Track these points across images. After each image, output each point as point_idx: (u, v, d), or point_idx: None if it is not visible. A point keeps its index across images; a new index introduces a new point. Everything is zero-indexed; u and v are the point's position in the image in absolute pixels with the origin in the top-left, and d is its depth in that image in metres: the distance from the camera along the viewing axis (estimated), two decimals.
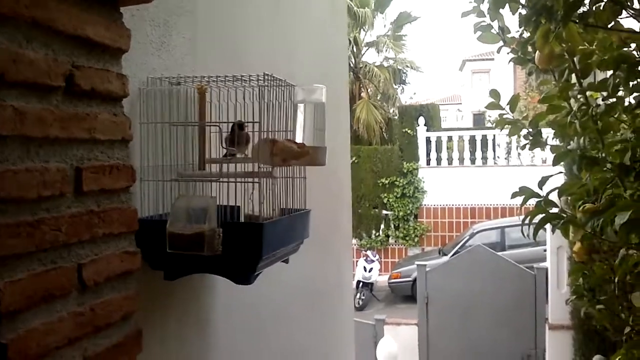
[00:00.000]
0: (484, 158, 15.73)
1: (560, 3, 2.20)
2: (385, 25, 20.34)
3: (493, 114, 20.02)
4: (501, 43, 2.46)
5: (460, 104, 34.51)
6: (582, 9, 2.09)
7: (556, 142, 2.45)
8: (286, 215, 1.51)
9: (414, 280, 13.35)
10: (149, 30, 1.45)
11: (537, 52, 2.32)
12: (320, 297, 2.93)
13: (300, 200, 1.66)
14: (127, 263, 1.22)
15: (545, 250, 12.60)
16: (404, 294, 13.92)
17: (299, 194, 1.66)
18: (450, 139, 16.13)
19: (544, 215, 2.30)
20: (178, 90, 1.52)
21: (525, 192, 2.41)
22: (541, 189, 2.32)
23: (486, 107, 2.68)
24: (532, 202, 2.35)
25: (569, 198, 2.23)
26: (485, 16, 2.42)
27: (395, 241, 16.63)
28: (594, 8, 2.05)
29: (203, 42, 1.75)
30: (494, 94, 2.63)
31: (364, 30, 19.92)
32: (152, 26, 1.47)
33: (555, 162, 2.35)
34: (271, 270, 1.75)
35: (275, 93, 1.41)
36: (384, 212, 16.56)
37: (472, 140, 15.85)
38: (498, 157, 15.76)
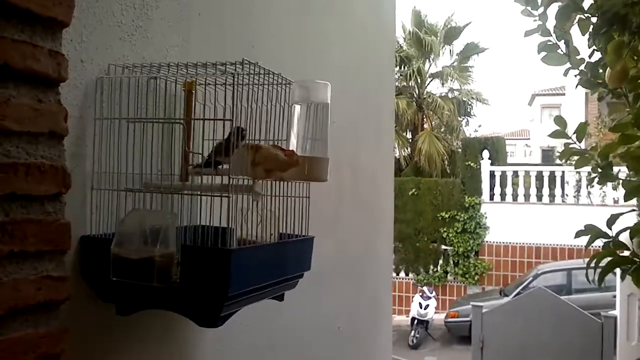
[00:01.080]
0: (552, 195, 15.01)
1: (636, 11, 1.88)
2: (451, 56, 19.93)
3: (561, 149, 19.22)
4: (568, 65, 2.19)
5: (529, 139, 33.50)
6: None
7: (628, 176, 2.15)
8: (273, 242, 1.21)
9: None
10: (116, 10, 1.21)
11: (608, 69, 1.99)
12: (348, 340, 2.59)
13: (302, 224, 1.36)
14: (49, 291, 0.95)
15: (614, 297, 11.87)
16: (462, 334, 13.31)
17: (300, 216, 1.36)
18: (516, 174, 15.48)
19: (612, 258, 1.98)
20: (157, 86, 1.26)
21: (591, 231, 2.11)
22: (610, 229, 2.04)
23: (550, 136, 2.40)
24: (599, 243, 2.05)
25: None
26: (550, 35, 2.15)
27: (454, 278, 15.99)
28: None
29: (201, 34, 1.49)
30: (559, 121, 2.33)
31: (429, 60, 19.57)
32: (123, 5, 1.22)
33: (627, 198, 2.02)
34: (280, 308, 1.46)
35: (265, 89, 1.13)
36: (443, 247, 15.99)
37: (540, 176, 15.15)
38: (567, 195, 15.00)
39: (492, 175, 15.59)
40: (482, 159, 15.66)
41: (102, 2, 1.17)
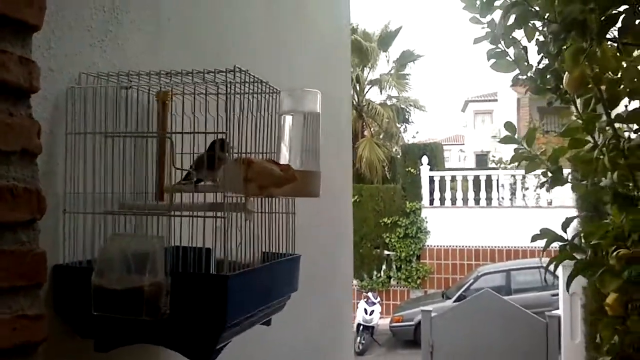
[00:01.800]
0: (488, 199, 15.41)
1: (593, 18, 1.89)
2: (388, 63, 20.21)
3: (497, 155, 19.86)
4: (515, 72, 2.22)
5: (463, 144, 34.35)
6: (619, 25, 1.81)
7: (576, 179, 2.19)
8: (266, 263, 1.11)
9: (417, 325, 12.88)
10: (86, 12, 1.09)
11: (566, 75, 2.01)
12: (315, 351, 2.51)
13: (288, 242, 1.27)
14: (25, 332, 0.83)
15: (553, 295, 12.27)
16: (406, 339, 13.42)
17: (286, 234, 1.27)
18: (454, 178, 15.82)
19: (577, 263, 1.99)
20: (128, 96, 1.15)
21: (547, 235, 2.12)
22: (565, 232, 2.05)
23: (501, 142, 2.41)
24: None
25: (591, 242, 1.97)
26: (499, 42, 2.17)
27: (397, 283, 16.16)
28: (637, 22, 1.77)
29: (171, 40, 1.38)
30: (509, 126, 2.34)
31: (367, 68, 19.77)
32: (92, 8, 1.10)
33: (582, 202, 2.02)
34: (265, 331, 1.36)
35: (253, 98, 1.04)
36: (386, 252, 16.13)
37: (477, 180, 15.52)
38: (502, 198, 15.43)
39: (431, 180, 15.86)
40: (422, 164, 15.91)
41: (70, 3, 1.05)
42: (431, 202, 15.86)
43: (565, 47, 2.05)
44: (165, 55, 1.34)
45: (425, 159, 15.88)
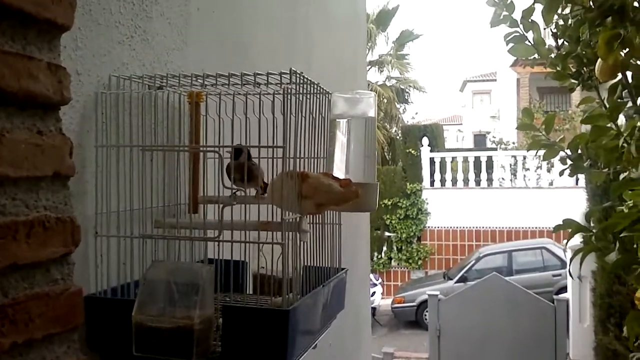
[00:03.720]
0: (489, 180, 15.33)
1: (632, 3, 1.77)
2: (387, 44, 19.96)
3: (497, 135, 19.76)
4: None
5: (461, 124, 34.20)
6: None
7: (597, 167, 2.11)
8: (319, 287, 0.99)
9: (419, 306, 12.89)
10: (113, 5, 0.95)
11: (599, 61, 1.90)
12: (338, 353, 2.42)
13: (333, 254, 1.15)
14: None
15: (554, 276, 12.25)
16: (408, 320, 13.42)
17: (331, 245, 1.15)
18: (454, 159, 15.72)
19: (618, 259, 1.89)
20: (157, 97, 1.02)
21: (570, 226, 2.02)
22: (589, 223, 1.96)
23: (518, 128, 2.32)
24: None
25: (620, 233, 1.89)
26: (518, 26, 2.06)
27: (398, 264, 16.15)
28: None
29: (199, 34, 1.25)
30: (527, 113, 2.24)
31: (367, 49, 19.51)
32: (121, 0, 0.97)
33: (615, 192, 1.93)
34: None
35: (306, 102, 0.91)
36: (387, 233, 16.08)
37: (477, 161, 15.42)
38: (503, 178, 15.35)
39: (431, 161, 15.76)
40: (422, 145, 15.80)
41: None
42: (432, 183, 15.77)
43: (582, 33, 1.96)
44: (192, 52, 1.21)
45: (425, 140, 15.76)
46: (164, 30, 1.10)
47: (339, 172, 0.97)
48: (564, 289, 10.98)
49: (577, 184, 13.73)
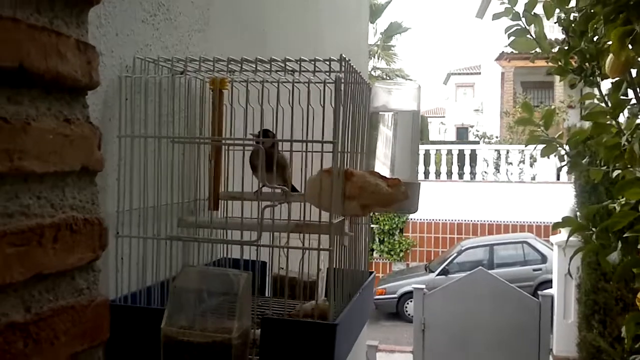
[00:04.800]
0: (472, 173, 15.40)
1: None
2: (375, 35, 19.84)
3: (481, 129, 19.86)
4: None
5: (444, 117, 34.31)
6: None
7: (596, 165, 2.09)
8: (357, 294, 0.91)
9: (400, 297, 12.91)
10: None
11: (609, 57, 1.85)
12: None
13: (361, 257, 1.07)
14: None
15: (535, 270, 12.35)
16: (389, 311, 13.45)
17: (358, 247, 1.07)
18: (438, 152, 15.76)
19: (627, 263, 1.87)
20: (180, 84, 0.92)
21: (571, 224, 2.00)
22: (587, 222, 1.94)
23: (517, 123, 2.29)
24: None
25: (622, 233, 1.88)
26: (520, 19, 2.01)
27: (380, 255, 16.16)
28: None
29: (218, 15, 1.15)
30: (526, 107, 2.20)
31: None
32: None
33: (619, 192, 1.89)
34: None
35: (350, 92, 0.82)
36: (370, 225, 16.08)
37: (461, 154, 15.46)
38: (485, 172, 15.43)
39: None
40: None
41: None
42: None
43: (591, 28, 1.92)
44: (213, 34, 1.11)
45: None
46: (187, 9, 1.00)
47: (383, 170, 0.88)
48: (544, 284, 11.08)
49: (558, 179, 13.84)
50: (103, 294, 0.65)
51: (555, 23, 2.09)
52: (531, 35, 2.02)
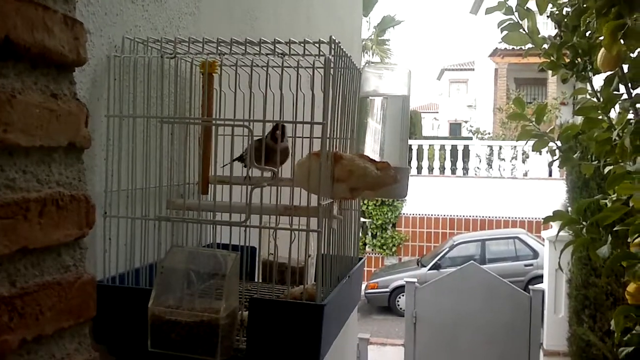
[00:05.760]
0: (465, 169, 15.45)
1: None
2: (369, 29, 19.80)
3: (474, 124, 19.90)
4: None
5: (437, 112, 34.33)
6: None
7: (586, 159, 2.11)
8: (345, 278, 0.91)
9: (392, 292, 12.95)
10: None
11: (601, 52, 1.86)
12: None
13: (350, 242, 1.07)
14: None
15: (526, 265, 12.40)
16: (381, 305, 13.49)
17: (348, 232, 1.07)
18: (431, 147, 15.78)
19: (619, 255, 1.89)
20: (169, 65, 0.92)
21: (562, 217, 2.02)
22: (579, 216, 1.96)
23: (509, 118, 2.30)
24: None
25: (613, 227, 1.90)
26: (513, 13, 2.03)
27: (372, 250, 16.18)
28: None
29: (209, 1, 1.15)
30: (519, 103, 2.22)
31: None
32: None
33: (610, 186, 1.90)
34: None
35: (340, 75, 0.82)
36: (362, 219, 16.11)
37: (454, 150, 15.49)
38: (478, 168, 15.46)
39: (409, 148, 15.75)
40: None
41: None
42: None
43: (584, 22, 1.94)
44: (204, 19, 1.11)
45: None
46: None
47: (372, 154, 0.88)
48: (535, 279, 11.12)
49: (550, 175, 13.90)
50: (90, 273, 0.65)
51: (548, 17, 2.10)
52: (524, 30, 2.02)
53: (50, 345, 0.60)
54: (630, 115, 1.79)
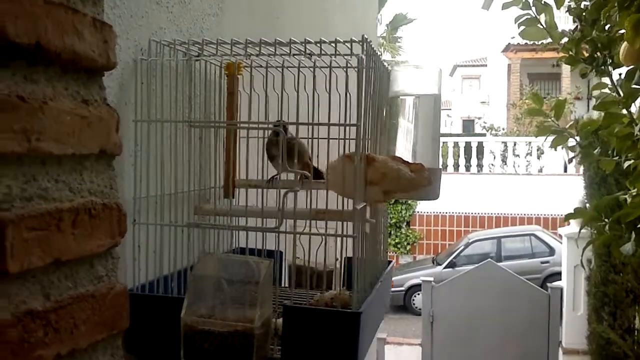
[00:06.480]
0: (479, 165, 15.35)
1: None
2: (380, 26, 19.75)
3: (488, 121, 19.77)
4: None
5: (450, 109, 34.17)
6: None
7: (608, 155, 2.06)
8: (378, 283, 0.89)
9: (407, 290, 12.89)
10: None
11: (624, 46, 1.82)
12: None
13: (380, 245, 1.05)
14: None
15: (542, 263, 12.30)
16: (397, 304, 13.44)
17: (377, 235, 1.04)
18: (445, 144, 15.68)
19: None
20: (195, 68, 0.90)
21: (583, 215, 1.98)
22: (600, 214, 1.93)
23: (527, 113, 2.25)
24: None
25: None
26: (530, 8, 1.99)
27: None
28: None
29: (232, 0, 1.13)
30: (536, 98, 2.17)
31: None
32: None
33: (632, 183, 1.86)
34: None
35: (372, 75, 0.80)
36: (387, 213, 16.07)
37: (468, 146, 15.40)
38: (492, 164, 15.36)
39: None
40: None
41: None
42: None
43: (604, 16, 1.90)
44: (228, 20, 1.09)
45: None
46: None
47: (405, 154, 0.86)
48: (552, 276, 11.02)
49: (565, 171, 13.77)
50: (122, 283, 0.63)
51: (566, 12, 2.06)
52: (541, 25, 1.99)
53: (83, 359, 0.58)
54: None
